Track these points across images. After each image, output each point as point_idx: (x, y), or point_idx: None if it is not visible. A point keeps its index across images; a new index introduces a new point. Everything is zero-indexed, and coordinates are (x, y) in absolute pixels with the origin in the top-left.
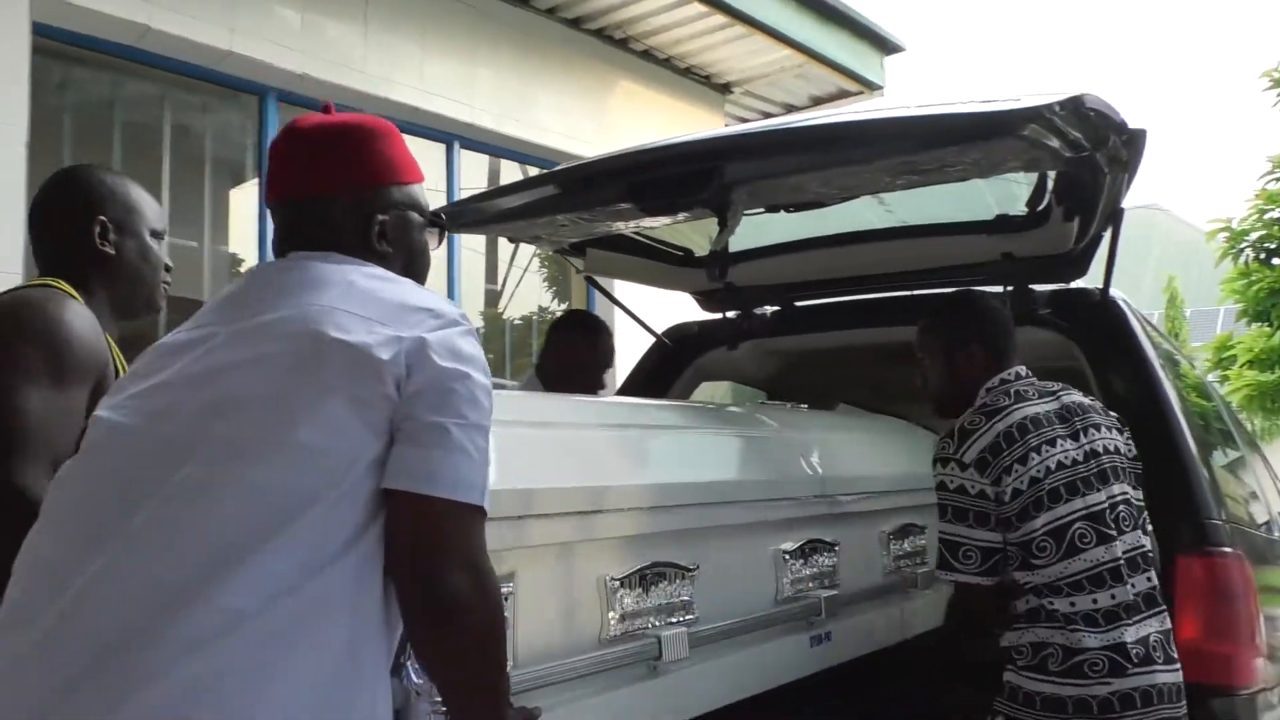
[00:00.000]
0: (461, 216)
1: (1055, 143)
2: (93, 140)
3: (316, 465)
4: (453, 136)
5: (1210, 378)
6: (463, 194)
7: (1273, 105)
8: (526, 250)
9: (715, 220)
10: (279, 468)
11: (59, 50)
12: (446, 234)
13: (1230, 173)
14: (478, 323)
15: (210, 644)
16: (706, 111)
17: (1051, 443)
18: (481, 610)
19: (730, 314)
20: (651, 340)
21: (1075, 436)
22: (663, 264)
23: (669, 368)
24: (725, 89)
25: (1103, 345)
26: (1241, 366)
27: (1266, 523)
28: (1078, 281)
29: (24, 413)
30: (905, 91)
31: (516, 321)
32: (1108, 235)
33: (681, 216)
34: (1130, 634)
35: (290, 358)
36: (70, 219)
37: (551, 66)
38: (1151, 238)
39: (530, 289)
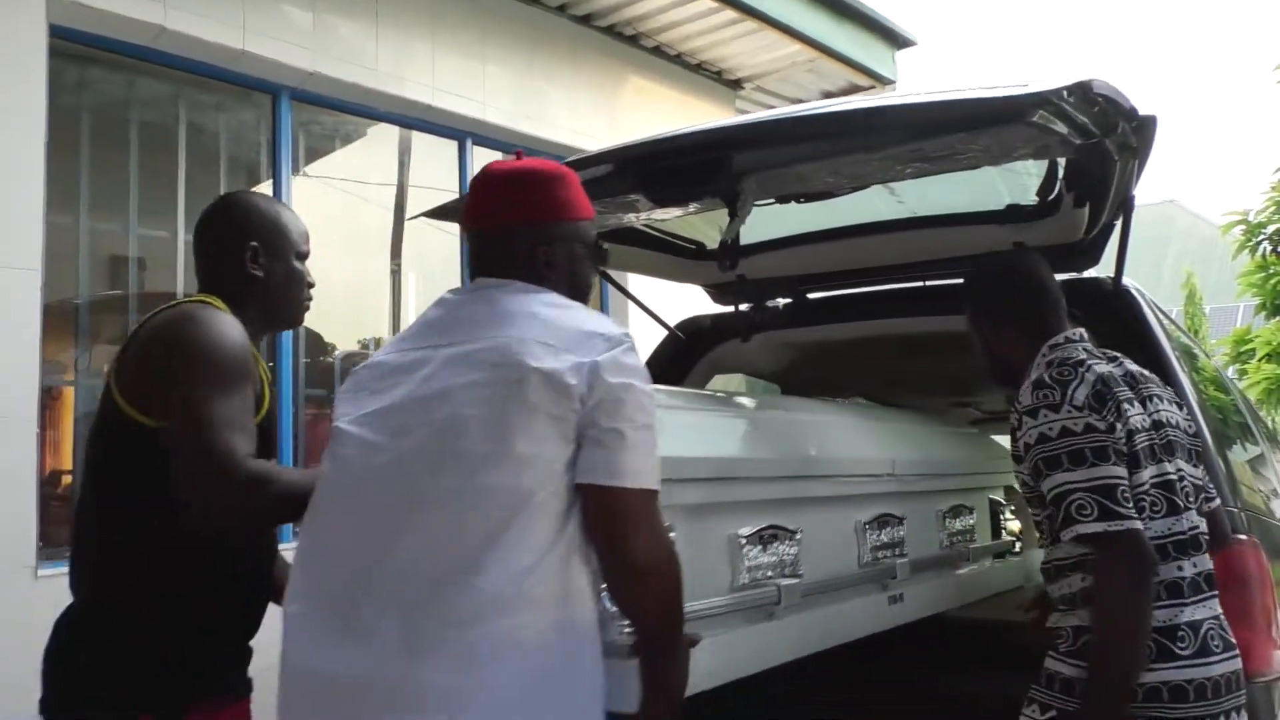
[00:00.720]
0: None
1: (1064, 128)
2: (109, 139)
3: (530, 470)
4: (464, 134)
5: (1229, 372)
6: None
7: None
8: None
9: (726, 212)
10: (504, 474)
11: (76, 51)
12: (602, 260)
13: (1249, 168)
14: None
15: (470, 620)
16: (717, 107)
17: (1130, 403)
18: (663, 567)
19: (743, 307)
20: (665, 334)
21: (1143, 403)
22: (674, 257)
23: (682, 361)
24: (736, 85)
25: (1116, 334)
26: (1260, 360)
27: None
28: (1090, 271)
29: (210, 417)
30: (917, 85)
31: None
32: (1120, 225)
33: (692, 207)
34: (1185, 615)
35: (503, 385)
36: (224, 242)
37: (562, 63)
38: (1169, 234)
39: None
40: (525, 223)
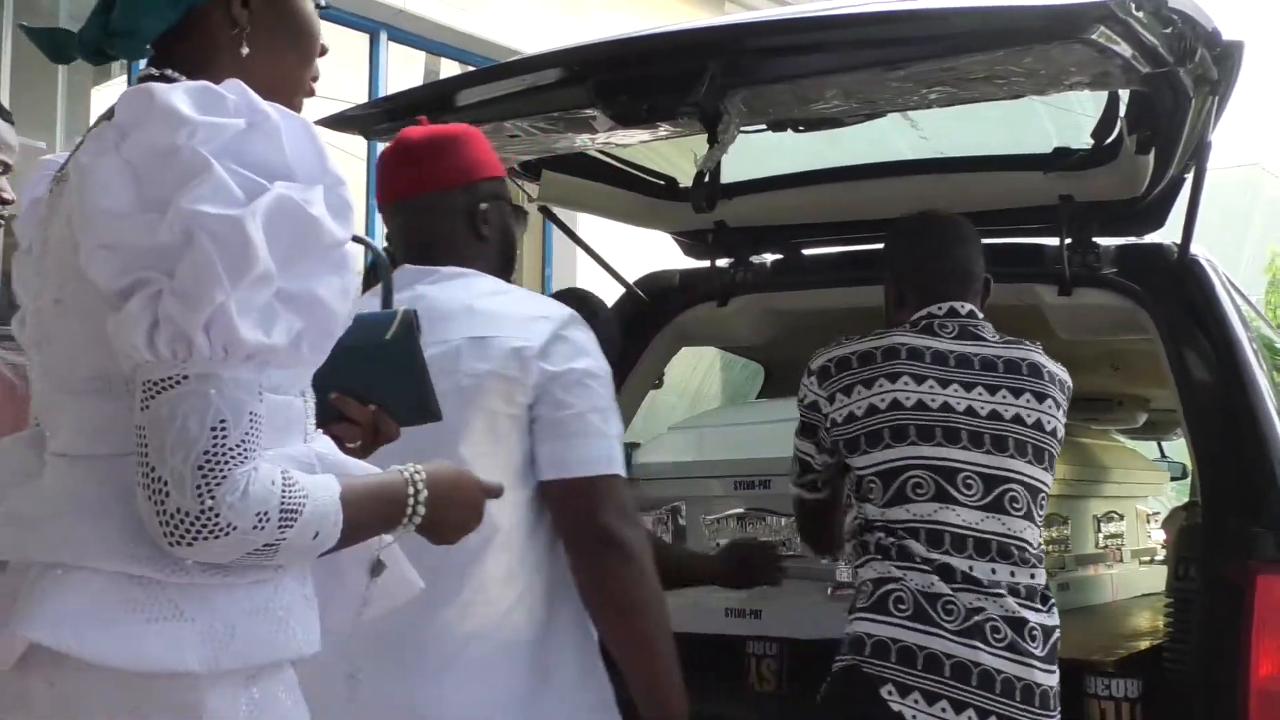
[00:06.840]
0: (392, 116)
1: (1129, 51)
2: None
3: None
4: (378, 25)
5: None
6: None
7: None
8: None
9: (705, 138)
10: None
11: None
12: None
13: None
14: None
15: None
16: (703, 12)
17: (919, 379)
18: (640, 546)
19: (721, 262)
20: (621, 292)
21: (967, 386)
22: (638, 195)
23: (643, 327)
24: None
25: (1180, 316)
26: None
27: None
28: (1152, 236)
29: None
30: None
31: None
32: (1191, 179)
33: (663, 130)
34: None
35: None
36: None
37: None
38: (1253, 204)
39: None
40: (457, 184)
